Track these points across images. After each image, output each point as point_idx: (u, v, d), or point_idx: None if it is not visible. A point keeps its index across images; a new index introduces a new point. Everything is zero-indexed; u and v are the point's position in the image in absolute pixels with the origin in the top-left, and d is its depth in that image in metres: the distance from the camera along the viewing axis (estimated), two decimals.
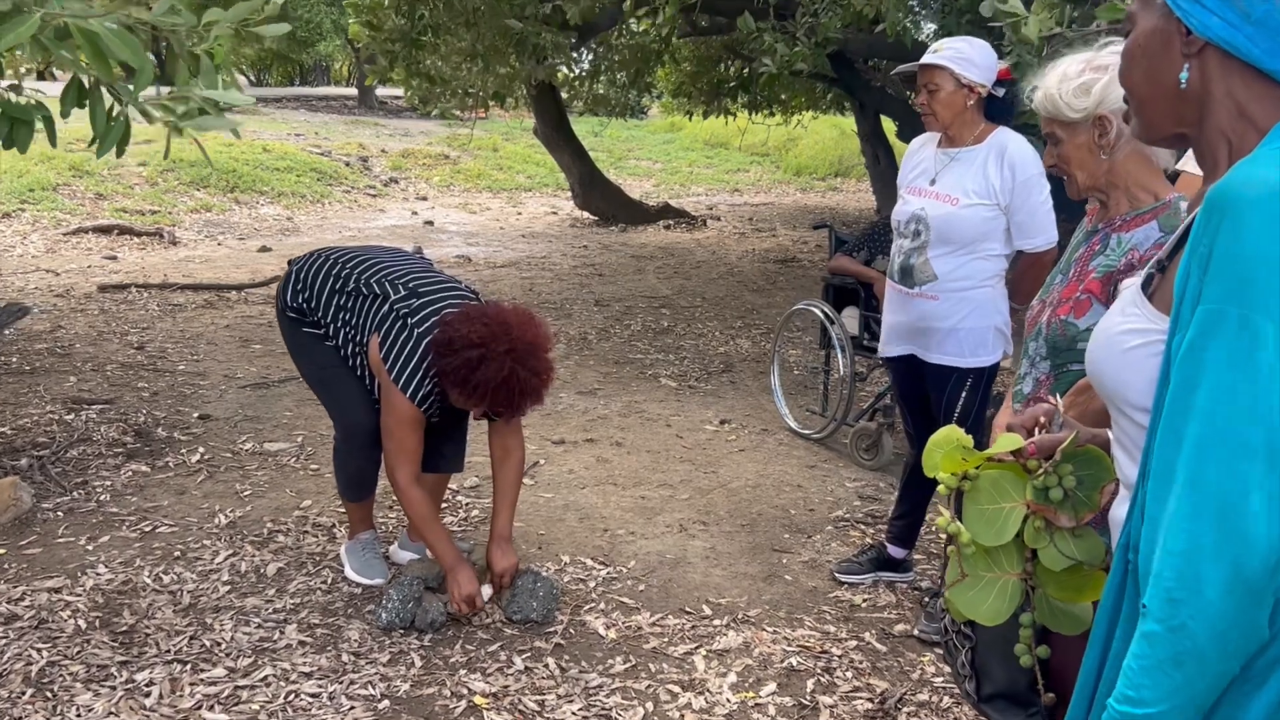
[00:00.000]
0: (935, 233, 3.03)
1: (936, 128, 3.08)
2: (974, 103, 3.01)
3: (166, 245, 9.55)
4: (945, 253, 3.04)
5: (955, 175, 3.05)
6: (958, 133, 3.06)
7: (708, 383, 5.82)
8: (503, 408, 2.94)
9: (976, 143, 3.04)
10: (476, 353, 2.82)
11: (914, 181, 3.16)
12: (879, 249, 4.60)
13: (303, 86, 34.13)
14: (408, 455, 3.03)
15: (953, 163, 3.07)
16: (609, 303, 7.89)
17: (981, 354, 3.08)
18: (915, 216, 3.08)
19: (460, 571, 3.06)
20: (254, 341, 6.25)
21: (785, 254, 10.56)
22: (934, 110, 3.03)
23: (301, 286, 3.18)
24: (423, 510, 3.05)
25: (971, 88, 2.99)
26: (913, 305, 3.12)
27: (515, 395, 2.89)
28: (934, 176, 3.10)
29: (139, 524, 3.66)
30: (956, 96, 3.00)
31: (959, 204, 3.00)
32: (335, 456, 3.33)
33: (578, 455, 4.56)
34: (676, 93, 11.24)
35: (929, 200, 3.07)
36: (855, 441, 4.57)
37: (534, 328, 2.97)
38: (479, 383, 2.84)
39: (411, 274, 3.12)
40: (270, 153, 13.95)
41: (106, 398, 5.02)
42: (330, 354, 3.18)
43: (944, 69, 2.98)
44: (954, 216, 3.00)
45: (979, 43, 3.02)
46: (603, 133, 20.42)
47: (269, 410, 5.00)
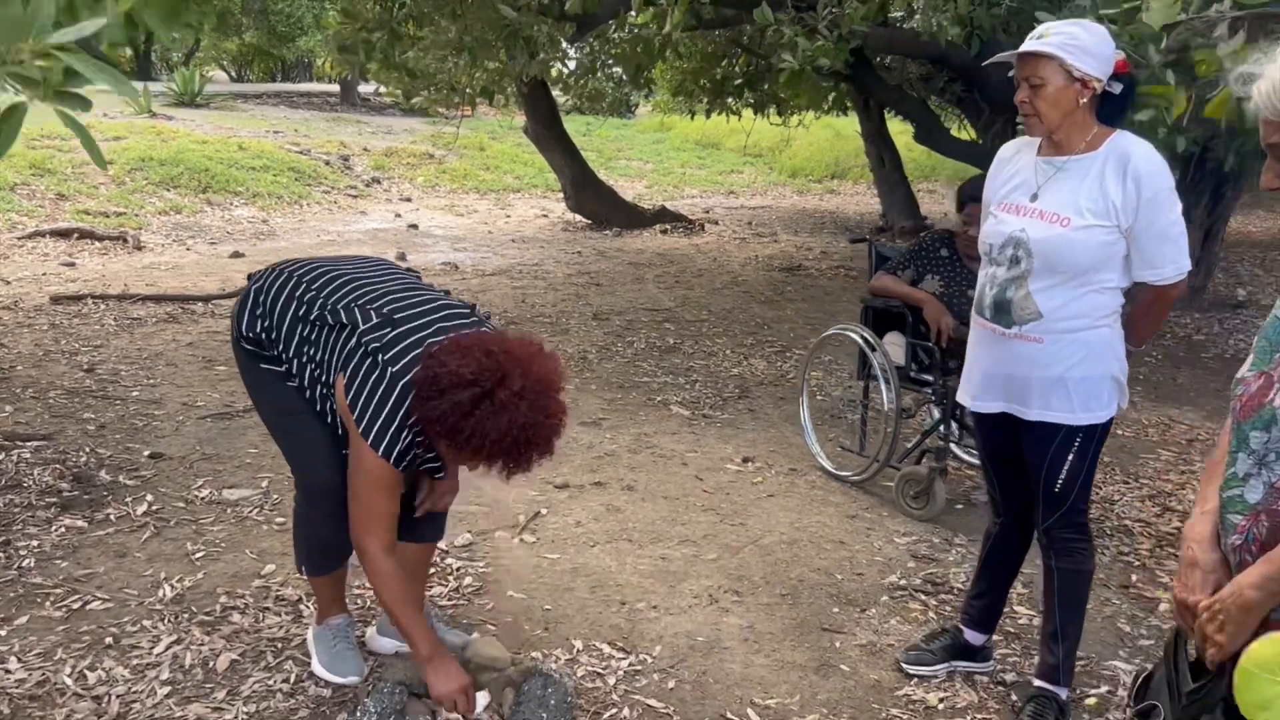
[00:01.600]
0: (1040, 260, 2.46)
1: (1039, 131, 2.51)
2: (1087, 101, 2.45)
3: (130, 250, 8.91)
4: (1052, 284, 2.47)
5: (1064, 189, 2.48)
6: (1066, 137, 2.49)
7: (723, 411, 5.24)
8: (507, 464, 2.32)
9: (1089, 149, 2.48)
10: (469, 393, 2.21)
11: (1009, 197, 2.59)
12: (928, 267, 4.03)
13: (284, 83, 33.41)
14: (379, 521, 2.43)
15: (1059, 174, 2.50)
16: (608, 316, 7.31)
17: (1094, 408, 2.51)
18: (1013, 240, 2.51)
19: (440, 666, 2.49)
20: (218, 362, 5.64)
21: (790, 261, 10.00)
22: (1038, 110, 2.46)
23: (261, 311, 2.56)
24: (394, 589, 2.45)
25: (1085, 82, 2.42)
26: (1010, 349, 2.55)
27: (522, 447, 2.26)
28: (1036, 191, 2.53)
29: (66, 599, 3.06)
30: (1067, 93, 2.43)
31: (1070, 225, 2.43)
32: (296, 521, 2.74)
33: (585, 503, 3.98)
34: (677, 91, 10.65)
35: (1031, 220, 2.50)
36: (902, 488, 4.00)
37: (543, 360, 2.33)
38: (475, 432, 2.22)
39: (390, 295, 2.49)
40: (246, 151, 13.29)
41: (44, 432, 4.40)
42: (293, 396, 2.56)
43: (1052, 59, 2.41)
44: (1064, 240, 2.43)
45: (1095, 27, 2.45)
46: (591, 132, 19.82)
47: (231, 446, 4.39)
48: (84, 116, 1.70)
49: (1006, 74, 2.63)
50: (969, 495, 4.25)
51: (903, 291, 4.02)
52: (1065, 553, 2.62)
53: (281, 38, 24.40)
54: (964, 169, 17.09)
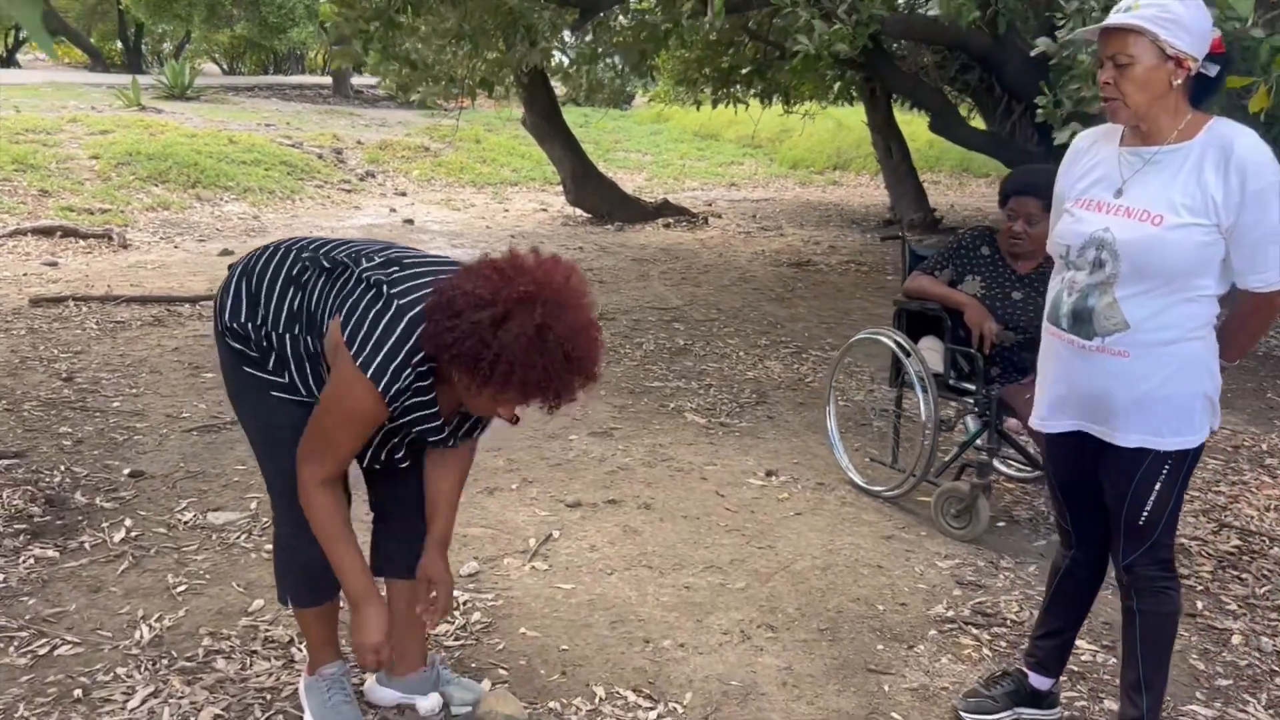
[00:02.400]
0: (1128, 263, 2.16)
1: (1124, 117, 2.21)
2: (1180, 83, 2.15)
3: (116, 249, 8.58)
4: (1142, 291, 2.17)
5: (1154, 184, 2.18)
6: (1154, 125, 2.20)
7: (741, 418, 4.95)
8: (543, 392, 1.93)
9: (1183, 138, 2.18)
10: (490, 313, 1.89)
11: (1089, 192, 2.29)
12: (968, 267, 3.74)
13: (276, 75, 33.02)
14: (332, 454, 2.11)
15: (1148, 166, 2.20)
16: (615, 316, 7.01)
17: (1185, 431, 2.22)
18: (1096, 240, 2.22)
19: (369, 610, 2.19)
20: (205, 369, 5.33)
21: (798, 256, 9.70)
22: (1123, 92, 2.16)
23: (247, 294, 2.25)
24: (325, 521, 2.14)
25: (1180, 61, 2.13)
26: (1090, 363, 2.25)
27: (560, 366, 1.90)
28: (1120, 185, 2.23)
29: (32, 644, 2.76)
30: (1158, 74, 2.13)
31: (1163, 224, 2.14)
32: (277, 547, 2.43)
33: (599, 524, 3.69)
34: (681, 80, 10.32)
35: (1116, 218, 2.20)
36: (942, 505, 3.71)
37: (565, 270, 1.98)
38: (501, 356, 1.88)
39: (393, 249, 2.24)
40: (237, 144, 12.95)
41: (16, 449, 4.10)
42: (282, 411, 2.25)
43: (1143, 34, 2.11)
44: (1157, 241, 2.14)
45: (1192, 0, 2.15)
46: (589, 123, 19.49)
47: (217, 463, 4.09)
48: (69, 111, 1.40)
49: (1026, 59, 2.34)
50: (1010, 511, 3.96)
51: (941, 293, 3.73)
52: (1150, 593, 2.33)
53: (273, 29, 24.00)
54: (968, 159, 16.81)
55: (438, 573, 2.38)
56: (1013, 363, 3.71)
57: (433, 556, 2.38)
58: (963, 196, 15.26)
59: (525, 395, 1.94)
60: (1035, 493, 4.13)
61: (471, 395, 2.02)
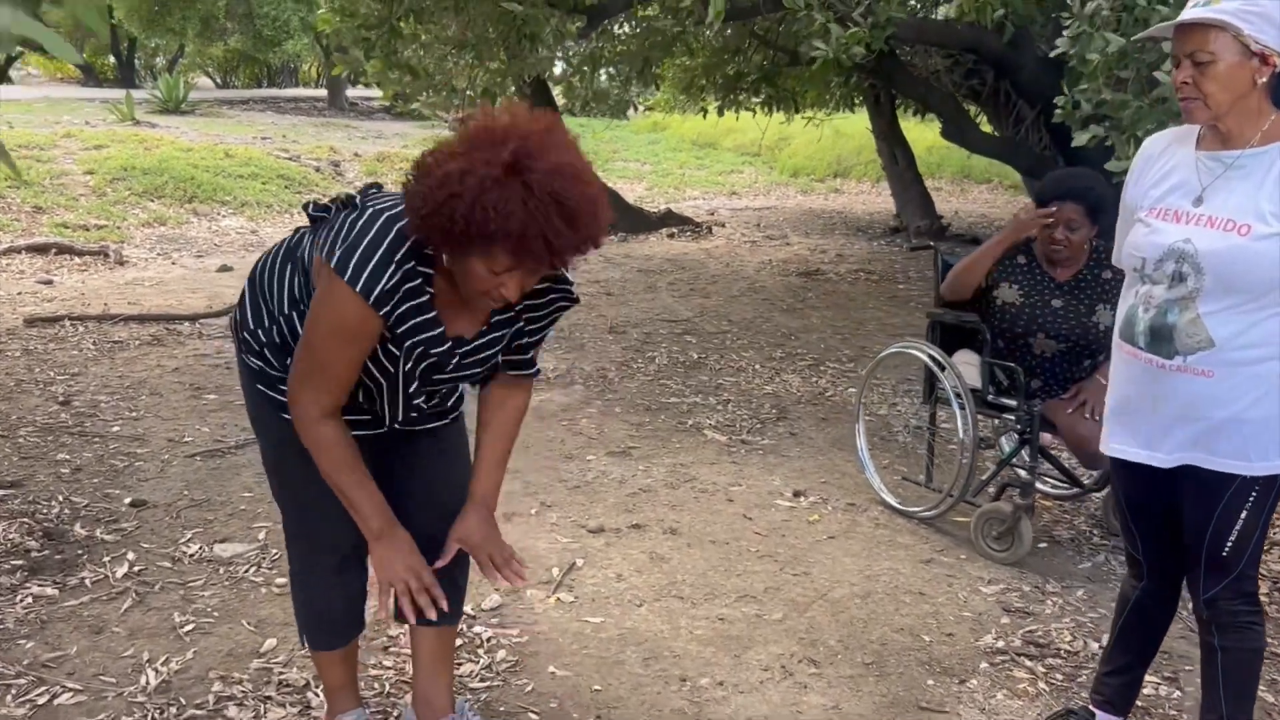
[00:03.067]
0: (1213, 277, 2.01)
1: (1203, 117, 2.05)
2: (1265, 81, 2.00)
3: (112, 266, 8.41)
4: (1228, 306, 2.01)
5: (1238, 191, 2.03)
6: (1236, 127, 2.04)
7: (763, 435, 4.78)
8: (533, 243, 1.70)
9: (1267, 141, 2.03)
10: (460, 162, 1.70)
11: (1165, 200, 2.13)
12: (1003, 274, 3.59)
13: (270, 88, 32.90)
14: (326, 377, 1.91)
15: (1230, 171, 2.05)
16: (625, 329, 6.85)
17: (1274, 455, 2.06)
18: (1176, 252, 2.06)
19: (390, 544, 1.98)
20: (207, 390, 5.16)
21: (806, 265, 9.55)
22: (1204, 91, 2.01)
23: (257, 294, 2.09)
24: (334, 456, 1.94)
25: (1265, 58, 1.98)
26: (1170, 384, 2.09)
27: (544, 209, 1.68)
28: (1200, 193, 2.08)
29: (31, 691, 2.59)
30: (1242, 71, 1.98)
31: (1250, 233, 1.98)
32: (292, 585, 2.27)
33: (624, 550, 3.52)
34: (686, 87, 10.17)
35: (1197, 229, 2.05)
36: (983, 527, 3.55)
37: (545, 119, 1.79)
38: (476, 200, 1.67)
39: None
40: (233, 158, 12.79)
41: (12, 479, 3.93)
42: (294, 436, 2.08)
43: (1225, 29, 1.96)
44: (1244, 252, 1.98)
45: None
46: (587, 133, 19.35)
47: (222, 489, 3.92)
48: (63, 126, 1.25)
49: (1040, 62, 2.19)
50: (1050, 531, 3.80)
51: (983, 249, 3.59)
52: (1233, 628, 2.17)
53: (267, 42, 23.87)
54: (968, 165, 16.69)
55: (470, 533, 2.11)
56: (1054, 374, 3.55)
57: (468, 517, 2.12)
58: (966, 203, 15.14)
59: (515, 251, 1.71)
60: (1075, 511, 3.98)
61: (463, 273, 1.81)
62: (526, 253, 1.72)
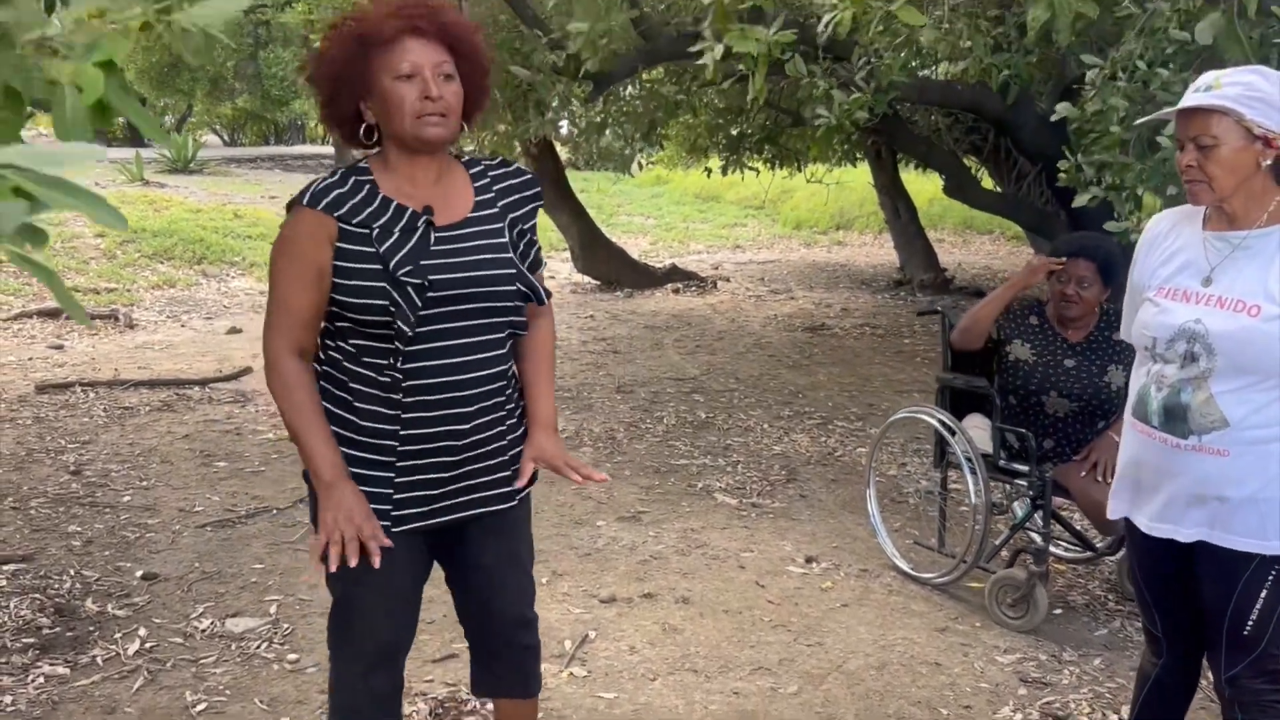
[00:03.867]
0: (1225, 358, 2.02)
1: (1207, 199, 2.08)
2: (1270, 163, 2.03)
3: (122, 329, 8.47)
4: (1240, 387, 2.03)
5: (1247, 271, 2.05)
6: (1242, 208, 2.07)
7: (773, 498, 4.78)
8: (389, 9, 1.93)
9: (1274, 221, 2.05)
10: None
11: (1174, 280, 2.15)
12: (1015, 332, 3.61)
13: (278, 145, 33.29)
14: (289, 312, 1.95)
15: (1237, 252, 2.07)
16: (632, 388, 6.86)
17: None
18: (1187, 332, 2.08)
19: (339, 495, 1.92)
20: (217, 457, 5.17)
21: (812, 320, 9.58)
22: (1209, 175, 2.04)
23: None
24: (296, 398, 1.94)
25: (1269, 141, 2.01)
26: (1185, 463, 2.10)
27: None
28: (1208, 273, 2.10)
29: None
30: (1245, 155, 2.01)
31: (1261, 314, 2.00)
32: (330, 672, 2.24)
33: (636, 621, 3.50)
34: (692, 148, 10.28)
35: (1207, 309, 2.07)
36: (997, 594, 3.53)
37: None
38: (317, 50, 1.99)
39: None
40: (241, 218, 12.92)
41: (24, 553, 3.93)
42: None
43: (1228, 114, 1.99)
44: (1256, 333, 2.00)
45: (1276, 75, 2.04)
46: (590, 188, 19.54)
47: (233, 561, 3.92)
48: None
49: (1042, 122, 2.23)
50: (1065, 596, 3.78)
51: (992, 298, 3.62)
52: (1256, 708, 2.14)
53: (275, 101, 24.19)
54: (971, 216, 16.79)
55: (545, 450, 2.12)
56: (1067, 435, 3.56)
57: (538, 438, 2.13)
58: (969, 254, 15.22)
59: (371, 36, 1.90)
60: (1089, 575, 3.96)
61: (387, 108, 1.91)
62: (375, 31, 1.90)
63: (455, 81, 1.95)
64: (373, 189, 1.95)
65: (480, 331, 1.99)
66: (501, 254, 2.01)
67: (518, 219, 2.08)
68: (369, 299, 1.91)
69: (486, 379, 2.01)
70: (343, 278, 1.92)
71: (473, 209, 2.03)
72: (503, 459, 2.10)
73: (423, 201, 1.97)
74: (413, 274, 1.91)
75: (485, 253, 1.99)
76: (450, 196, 2.01)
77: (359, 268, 1.91)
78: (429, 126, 1.91)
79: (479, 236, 2.00)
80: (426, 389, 1.96)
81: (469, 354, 1.98)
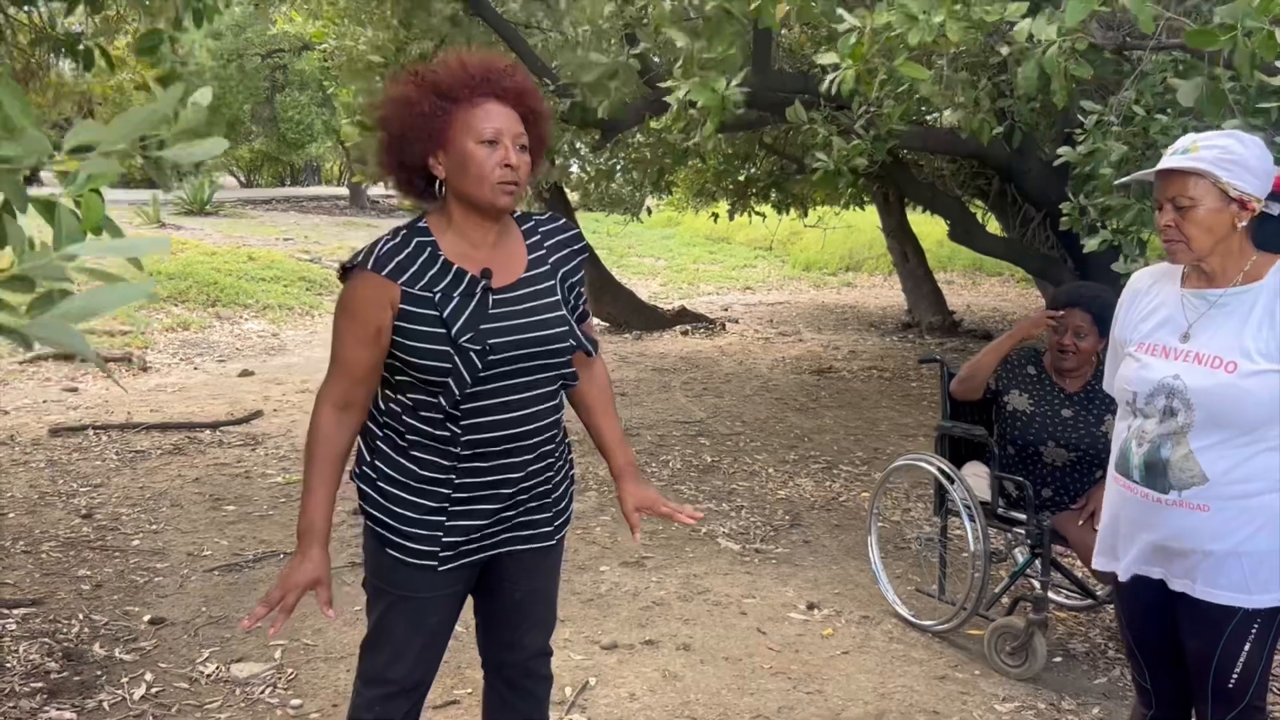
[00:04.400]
0: (1204, 413, 2.07)
1: (1185, 258, 2.14)
2: (1245, 224, 2.09)
3: (135, 372, 8.57)
4: (1219, 442, 2.07)
5: (1224, 328, 2.10)
6: (1220, 266, 2.12)
7: (776, 543, 4.80)
8: (466, 74, 1.99)
9: (1250, 280, 2.11)
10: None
11: (1153, 335, 2.20)
12: (1013, 383, 3.65)
13: (293, 186, 33.68)
14: (341, 365, 2.02)
15: (1214, 309, 2.13)
16: (639, 431, 6.91)
17: (1275, 587, 2.09)
18: (1166, 388, 2.12)
19: (300, 555, 2.01)
20: (226, 501, 5.23)
21: (819, 362, 9.63)
22: (1186, 235, 2.10)
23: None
24: (321, 449, 2.03)
25: (1244, 203, 2.06)
26: (1166, 518, 2.13)
27: (457, 64, 2.01)
28: (1186, 330, 2.15)
29: None
30: (1222, 216, 2.07)
31: (1237, 371, 2.05)
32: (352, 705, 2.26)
33: (637, 668, 3.53)
34: (699, 193, 10.41)
35: (1185, 365, 2.11)
36: (996, 642, 3.55)
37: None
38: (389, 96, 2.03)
39: None
40: (255, 261, 13.08)
41: (34, 597, 3.98)
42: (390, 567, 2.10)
43: (1204, 176, 2.05)
44: (1232, 390, 2.04)
45: (1251, 139, 2.10)
46: (600, 229, 19.71)
47: (240, 606, 3.96)
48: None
49: (1045, 167, 2.28)
50: (1065, 644, 3.79)
51: (991, 346, 3.67)
52: None
53: (291, 145, 24.55)
54: (980, 258, 16.86)
55: (645, 497, 2.24)
56: (1065, 484, 3.59)
57: (630, 489, 2.25)
58: (978, 296, 15.28)
59: (448, 91, 1.95)
60: (1089, 623, 3.97)
61: (464, 168, 1.96)
62: (461, 89, 1.95)
63: (527, 154, 2.03)
64: (434, 251, 2.01)
65: (535, 386, 2.06)
66: (555, 312, 2.08)
67: (568, 273, 2.15)
68: (432, 360, 1.97)
69: (540, 430, 2.08)
70: (406, 338, 1.98)
71: (527, 268, 2.09)
72: (548, 500, 2.18)
73: (481, 263, 2.03)
74: (473, 340, 1.97)
75: (540, 313, 2.06)
76: (507, 257, 2.08)
77: (423, 330, 1.97)
78: (504, 195, 1.98)
79: (534, 297, 2.07)
80: (483, 443, 2.03)
81: (524, 408, 2.05)
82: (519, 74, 2.04)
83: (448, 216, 2.04)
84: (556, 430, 2.14)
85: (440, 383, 1.98)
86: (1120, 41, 3.42)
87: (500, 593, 2.21)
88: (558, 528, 2.21)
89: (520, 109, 2.01)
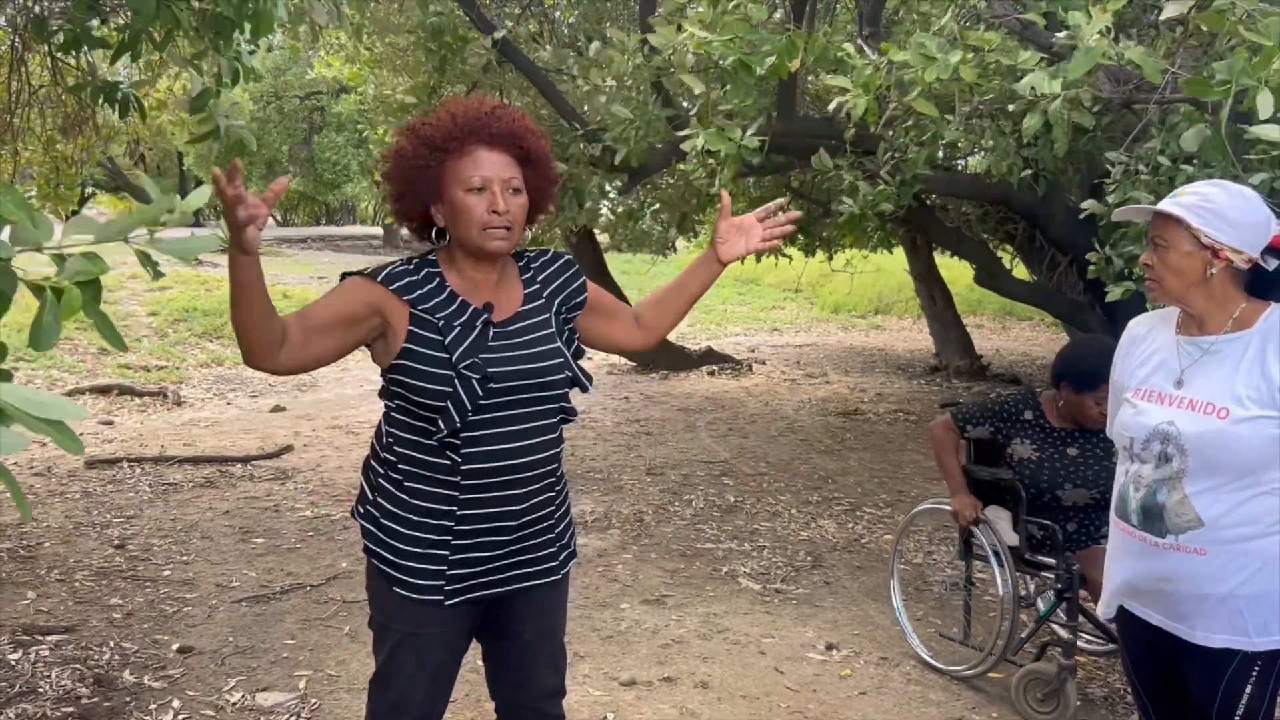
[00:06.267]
0: (1196, 458, 2.10)
1: (1158, 296, 2.20)
2: (1220, 272, 2.12)
3: (170, 406, 8.74)
4: (1213, 487, 2.10)
5: (1216, 375, 2.14)
6: (1206, 312, 2.17)
7: (797, 584, 4.82)
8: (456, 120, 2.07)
9: (1240, 328, 2.14)
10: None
11: (1148, 381, 2.24)
12: (1014, 432, 3.65)
13: (329, 225, 34.21)
14: (302, 309, 2.04)
15: (1207, 356, 2.16)
16: (662, 470, 6.95)
17: (1274, 630, 2.11)
18: (1160, 434, 2.16)
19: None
20: (255, 534, 5.32)
21: (846, 405, 9.64)
22: (1158, 275, 2.16)
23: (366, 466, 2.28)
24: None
25: (1216, 251, 2.10)
26: (1165, 561, 2.16)
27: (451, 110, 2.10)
28: (1180, 376, 2.19)
29: None
30: (1191, 261, 2.12)
31: (1229, 417, 2.08)
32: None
33: (655, 704, 3.55)
34: None
35: (1179, 411, 2.15)
36: (1025, 688, 3.54)
37: None
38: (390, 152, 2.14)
39: None
40: (290, 299, 13.29)
41: (67, 624, 4.07)
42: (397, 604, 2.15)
43: (1179, 221, 2.10)
44: (1225, 435, 2.07)
45: (1242, 192, 2.14)
46: (630, 270, 19.84)
47: (266, 636, 4.03)
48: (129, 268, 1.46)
49: (1071, 214, 2.34)
50: (1085, 688, 3.77)
51: (949, 466, 3.74)
52: None
53: (327, 185, 24.99)
54: (1011, 303, 16.82)
55: (732, 228, 2.24)
56: (1087, 520, 3.58)
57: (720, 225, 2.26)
58: (1007, 340, 15.23)
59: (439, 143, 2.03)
60: (1109, 667, 3.95)
61: (456, 215, 2.04)
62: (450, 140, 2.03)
63: (522, 194, 2.09)
64: (441, 282, 2.10)
65: (534, 418, 2.12)
66: (550, 344, 2.15)
67: (568, 296, 2.23)
68: (434, 385, 2.03)
69: (541, 462, 2.14)
70: (411, 360, 2.04)
71: (523, 302, 2.18)
72: (551, 535, 2.22)
73: (483, 299, 2.12)
74: (472, 368, 2.03)
75: (536, 345, 2.13)
76: (507, 295, 2.17)
77: (428, 354, 2.04)
78: (493, 240, 2.05)
79: (530, 330, 2.15)
80: (484, 473, 2.08)
81: (524, 439, 2.10)
82: (509, 116, 2.10)
83: (452, 257, 2.13)
84: (556, 464, 2.20)
85: (440, 407, 2.03)
86: (1128, 95, 3.48)
87: (510, 634, 2.25)
88: (563, 561, 2.26)
89: (512, 151, 2.07)
